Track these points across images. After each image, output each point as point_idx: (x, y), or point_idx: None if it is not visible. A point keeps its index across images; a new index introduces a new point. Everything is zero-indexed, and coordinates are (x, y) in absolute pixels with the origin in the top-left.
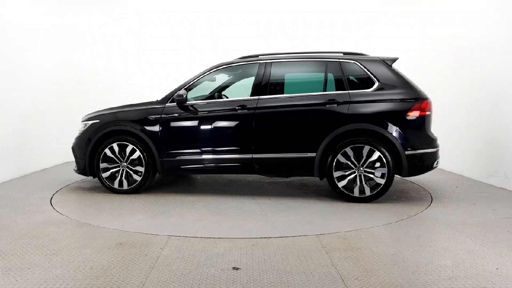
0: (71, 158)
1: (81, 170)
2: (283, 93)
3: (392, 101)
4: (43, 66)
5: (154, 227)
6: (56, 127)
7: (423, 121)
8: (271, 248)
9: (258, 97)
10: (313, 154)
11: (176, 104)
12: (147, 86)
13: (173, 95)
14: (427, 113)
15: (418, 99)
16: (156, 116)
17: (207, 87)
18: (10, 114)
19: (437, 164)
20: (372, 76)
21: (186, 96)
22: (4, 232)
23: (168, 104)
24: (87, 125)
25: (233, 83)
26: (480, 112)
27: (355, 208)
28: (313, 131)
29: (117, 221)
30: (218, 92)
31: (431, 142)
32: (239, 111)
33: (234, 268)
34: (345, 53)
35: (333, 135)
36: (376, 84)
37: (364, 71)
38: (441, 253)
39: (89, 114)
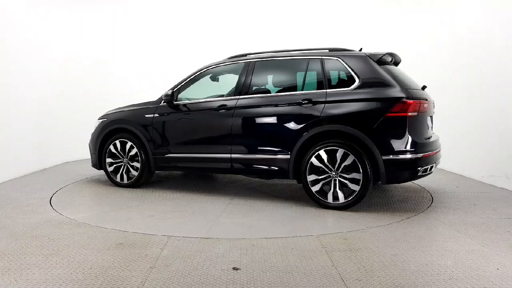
0: (71, 158)
1: (93, 164)
2: (264, 93)
3: (371, 100)
4: (43, 68)
5: (107, 220)
6: (56, 127)
7: (405, 123)
8: (271, 248)
9: (238, 97)
10: (288, 156)
11: (167, 104)
12: (153, 87)
13: None
14: (410, 113)
15: (401, 98)
16: (150, 115)
17: (225, 86)
18: (10, 114)
19: (425, 172)
20: (353, 73)
21: (174, 96)
22: (4, 232)
23: (161, 104)
24: (99, 123)
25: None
26: (480, 112)
27: (322, 213)
28: (287, 132)
29: (70, 212)
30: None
31: (416, 147)
32: (219, 111)
33: (234, 268)
34: (330, 50)
35: (307, 136)
36: (357, 82)
37: (346, 68)
38: (441, 253)
39: (103, 113)
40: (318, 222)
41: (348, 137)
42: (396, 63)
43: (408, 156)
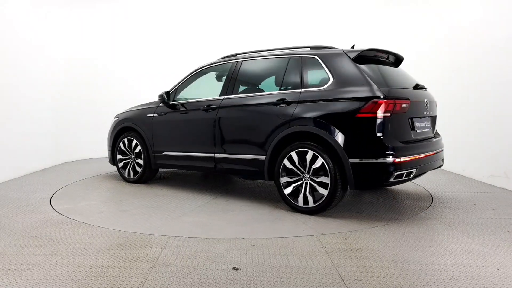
0: (71, 158)
1: (109, 160)
2: (247, 93)
3: (341, 100)
4: (43, 68)
5: (78, 212)
6: (56, 127)
7: (375, 124)
8: (271, 248)
9: (223, 97)
10: (263, 157)
11: (163, 104)
12: (153, 87)
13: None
14: (382, 114)
15: (372, 97)
16: (150, 114)
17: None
18: (10, 114)
19: (400, 178)
20: (328, 72)
21: (168, 96)
22: (4, 232)
23: (160, 104)
24: (113, 121)
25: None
26: (480, 112)
27: (287, 217)
28: (263, 133)
29: (59, 204)
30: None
31: (389, 150)
32: (207, 111)
33: (234, 268)
34: (311, 48)
35: (280, 137)
36: (331, 81)
37: (322, 66)
38: (441, 253)
39: (117, 112)
40: (277, 225)
41: (316, 139)
42: (398, 62)
43: (378, 160)
